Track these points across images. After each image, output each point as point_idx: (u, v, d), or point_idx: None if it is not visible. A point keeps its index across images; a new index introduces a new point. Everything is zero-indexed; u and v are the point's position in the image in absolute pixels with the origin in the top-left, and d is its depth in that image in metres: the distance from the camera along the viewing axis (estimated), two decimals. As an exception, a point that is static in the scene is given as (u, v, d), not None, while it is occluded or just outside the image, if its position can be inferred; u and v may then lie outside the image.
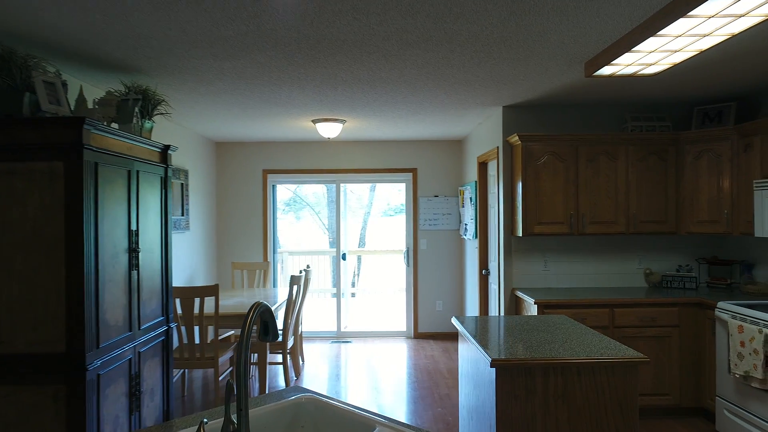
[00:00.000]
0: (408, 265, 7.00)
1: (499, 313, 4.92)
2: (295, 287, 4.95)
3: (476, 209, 5.88)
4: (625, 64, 3.17)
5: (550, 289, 4.62)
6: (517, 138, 4.43)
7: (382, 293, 10.19)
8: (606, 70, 3.30)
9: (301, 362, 5.59)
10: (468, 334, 2.87)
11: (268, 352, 4.72)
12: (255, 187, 6.89)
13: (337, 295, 7.09)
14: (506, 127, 4.77)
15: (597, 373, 2.42)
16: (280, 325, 5.74)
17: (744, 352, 3.47)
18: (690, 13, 2.38)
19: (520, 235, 4.46)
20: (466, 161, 6.51)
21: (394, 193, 13.81)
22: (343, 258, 7.08)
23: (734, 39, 2.87)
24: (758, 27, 2.69)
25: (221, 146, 6.89)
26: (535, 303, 4.10)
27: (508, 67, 3.50)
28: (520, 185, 4.47)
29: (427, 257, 6.92)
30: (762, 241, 4.35)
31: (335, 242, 7.19)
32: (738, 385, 3.61)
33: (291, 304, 4.92)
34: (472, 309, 6.23)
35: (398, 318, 8.10)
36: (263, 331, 1.48)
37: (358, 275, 11.48)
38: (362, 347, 6.48)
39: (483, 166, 5.79)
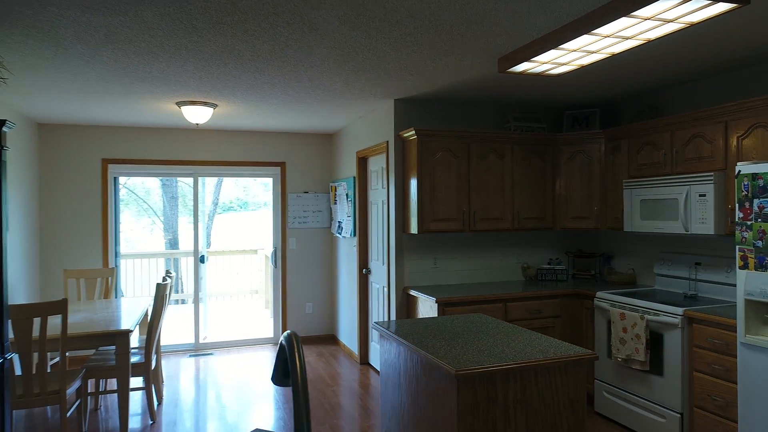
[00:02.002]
0: (276, 266, 6.50)
1: (389, 313, 4.77)
2: (157, 297, 4.21)
3: (354, 206, 5.66)
4: (540, 62, 3.20)
5: (440, 286, 4.59)
6: (413, 133, 4.30)
7: (236, 297, 9.43)
8: (520, 67, 3.30)
9: (161, 384, 4.81)
10: (409, 343, 2.61)
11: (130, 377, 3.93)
12: (92, 179, 5.79)
13: (195, 303, 6.30)
14: (398, 122, 4.61)
15: (552, 373, 2.35)
16: (135, 343, 4.87)
17: (626, 337, 3.78)
18: (595, 31, 2.46)
19: (415, 232, 4.34)
20: (341, 156, 6.25)
21: (239, 187, 12.97)
22: (202, 260, 6.33)
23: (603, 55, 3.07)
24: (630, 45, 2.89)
25: (46, 129, 5.65)
26: (436, 302, 4.01)
27: (417, 56, 3.32)
28: (415, 181, 4.35)
29: (297, 257, 6.51)
30: (619, 234, 4.84)
31: (175, 242, 6.39)
32: (618, 369, 3.92)
33: (156, 317, 4.18)
34: (347, 310, 6.00)
35: (263, 324, 7.54)
36: (282, 373, 1.06)
37: (203, 278, 10.49)
38: (227, 359, 5.84)
39: (363, 162, 5.58)
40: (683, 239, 4.19)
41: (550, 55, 3.05)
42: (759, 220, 2.78)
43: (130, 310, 4.41)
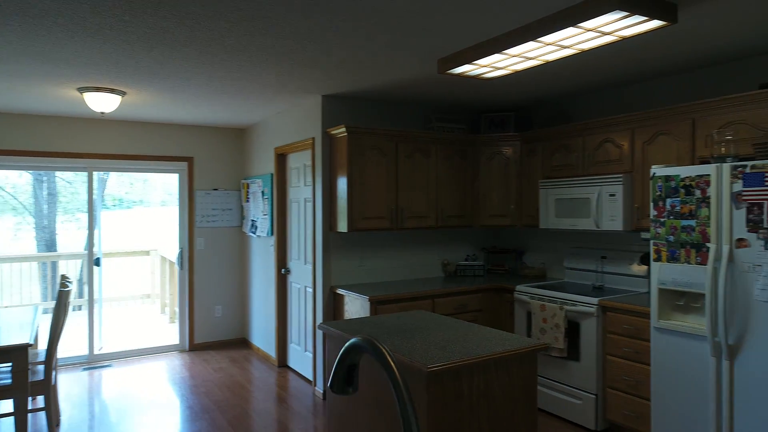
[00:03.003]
0: (182, 268, 6.09)
1: (314, 314, 4.67)
2: (59, 305, 3.75)
3: (272, 204, 5.47)
4: (480, 65, 3.31)
5: (367, 284, 4.59)
6: (343, 130, 4.25)
7: (128, 303, 8.68)
8: (460, 69, 3.40)
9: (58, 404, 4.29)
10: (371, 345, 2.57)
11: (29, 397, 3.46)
12: (-39, 172, 5.01)
13: (90, 310, 5.70)
14: (325, 118, 4.53)
15: (510, 365, 2.45)
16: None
17: (546, 327, 4.04)
18: (541, 38, 2.63)
19: (345, 230, 4.30)
20: (255, 152, 6.00)
21: (126, 183, 11.97)
22: (97, 263, 5.75)
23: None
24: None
25: None
26: (369, 300, 4.00)
27: (361, 52, 3.29)
28: (345, 179, 4.30)
29: (205, 258, 6.15)
30: (532, 231, 5.16)
31: (53, 244, 5.77)
32: (539, 357, 4.18)
33: (57, 327, 3.72)
34: (263, 312, 5.79)
35: (162, 330, 7.03)
36: (346, 380, 0.99)
37: (97, 283, 9.52)
38: (128, 371, 5.36)
39: (282, 158, 5.41)
40: (591, 235, 4.57)
41: (492, 58, 3.16)
42: (671, 217, 3.11)
43: (13, 321, 3.88)
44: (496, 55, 3.07)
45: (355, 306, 4.21)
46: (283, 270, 5.36)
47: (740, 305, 2.79)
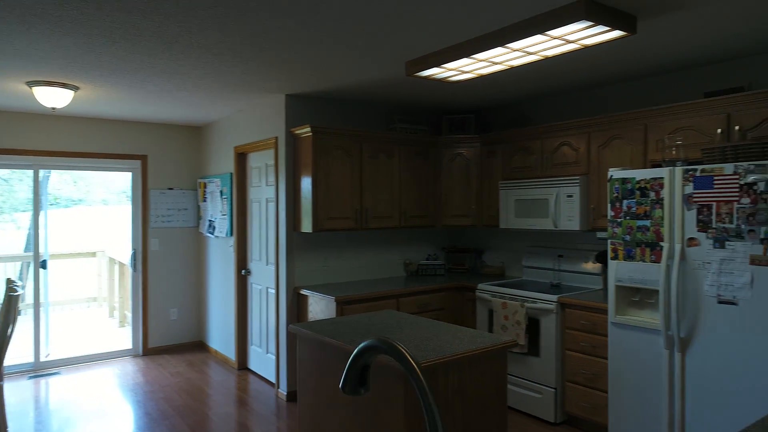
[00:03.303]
0: (135, 269, 5.88)
1: (277, 315, 4.62)
2: (8, 310, 3.56)
3: (231, 204, 5.37)
4: (448, 69, 3.37)
5: (331, 285, 4.59)
6: (308, 130, 4.23)
7: (73, 307, 8.29)
8: (427, 72, 3.45)
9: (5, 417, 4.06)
10: (341, 343, 2.58)
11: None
12: None
13: (36, 315, 5.42)
14: (289, 117, 4.49)
15: (483, 362, 2.51)
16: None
17: (507, 324, 4.16)
18: (509, 44, 2.73)
19: (309, 230, 4.28)
20: (213, 150, 5.87)
21: (68, 181, 11.42)
22: (43, 266, 5.47)
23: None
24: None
25: None
26: (335, 301, 4.00)
27: (332, 53, 3.30)
28: (310, 179, 4.28)
29: (160, 259, 5.96)
30: (491, 231, 5.30)
31: (31, 245, 5.50)
32: (500, 353, 4.30)
33: (5, 336, 3.53)
34: (221, 314, 5.67)
35: (112, 335, 6.77)
36: (360, 381, 1.00)
37: (44, 286, 9.02)
38: (79, 378, 5.14)
39: (242, 157, 5.32)
40: (548, 234, 4.74)
41: (460, 62, 3.23)
42: (627, 218, 3.28)
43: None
44: (464, 59, 3.14)
45: (320, 306, 4.20)
46: (243, 271, 5.27)
47: (691, 300, 2.98)
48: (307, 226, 4.32)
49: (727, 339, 2.84)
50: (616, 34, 2.71)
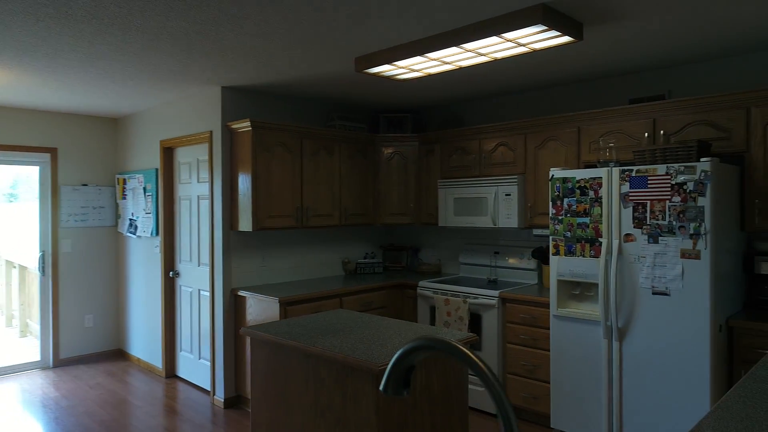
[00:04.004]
0: (44, 273, 5.35)
1: (213, 318, 4.39)
2: None
3: (157, 202, 5.04)
4: (398, 66, 3.37)
5: (270, 285, 4.44)
6: (248, 124, 4.05)
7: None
8: (377, 69, 3.42)
9: None
10: (305, 345, 2.49)
11: None
12: None
13: (-77, 328, 4.78)
14: (225, 111, 4.28)
15: (447, 359, 2.53)
16: None
17: (450, 320, 4.24)
18: (463, 45, 2.79)
19: (249, 229, 4.11)
20: (134, 144, 5.47)
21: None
22: (-68, 272, 4.83)
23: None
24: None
25: None
26: (279, 302, 3.87)
27: (278, 45, 3.18)
28: (249, 176, 4.10)
29: (73, 262, 5.47)
30: (427, 229, 5.37)
31: None
32: (441, 349, 4.36)
33: None
34: (145, 319, 5.31)
35: (17, 345, 6.13)
36: (405, 383, 0.96)
37: None
38: (-19, 395, 4.60)
39: (169, 152, 5.00)
40: (484, 232, 4.88)
41: (411, 60, 3.24)
42: (568, 215, 3.45)
43: None
44: (417, 57, 3.14)
45: (261, 308, 4.05)
46: (171, 273, 4.97)
47: (628, 292, 3.19)
48: (245, 224, 4.15)
49: (660, 327, 3.07)
50: (565, 39, 2.84)
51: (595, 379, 3.34)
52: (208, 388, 4.58)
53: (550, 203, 3.54)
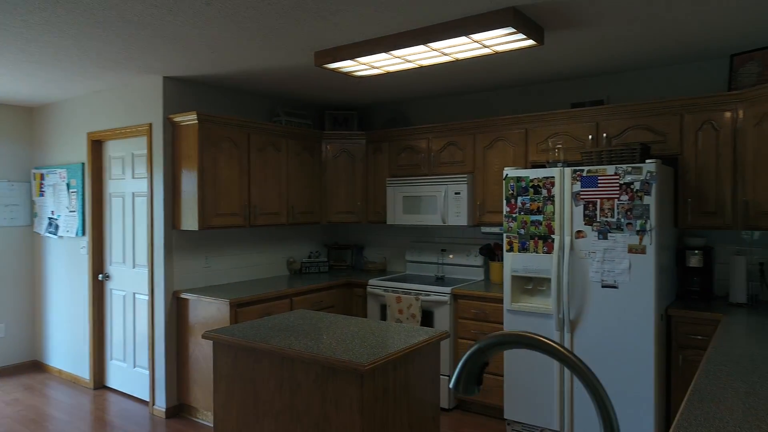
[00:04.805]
0: (-55, 279, 4.77)
1: (152, 323, 4.11)
2: None
3: (83, 199, 4.66)
4: (360, 63, 3.33)
5: (215, 286, 4.24)
6: (194, 117, 3.84)
7: None
8: (337, 64, 3.36)
9: None
10: (279, 347, 2.39)
11: None
12: None
13: None
14: (167, 102, 4.03)
15: (423, 355, 2.54)
16: None
17: (402, 317, 4.26)
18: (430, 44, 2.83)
19: (195, 228, 3.89)
20: (56, 136, 5.00)
21: None
22: None
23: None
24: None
25: None
26: (229, 303, 3.70)
27: (230, 35, 3.05)
28: (195, 172, 3.89)
29: (-19, 265, 4.92)
30: (370, 227, 5.36)
31: None
32: (393, 346, 4.38)
33: None
34: (68, 326, 4.88)
35: None
36: (477, 380, 0.95)
37: None
38: None
39: (98, 145, 4.63)
40: (431, 230, 4.95)
41: (374, 57, 3.21)
42: (522, 213, 3.57)
43: None
44: (380, 54, 3.12)
45: (209, 311, 3.85)
46: (100, 276, 4.60)
47: (579, 286, 3.36)
48: (190, 223, 3.93)
49: (608, 318, 3.26)
50: (528, 43, 2.94)
51: (547, 370, 3.48)
52: (145, 398, 4.29)
53: (504, 201, 3.65)
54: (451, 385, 0.97)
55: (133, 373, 4.38)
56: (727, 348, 2.33)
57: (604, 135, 3.73)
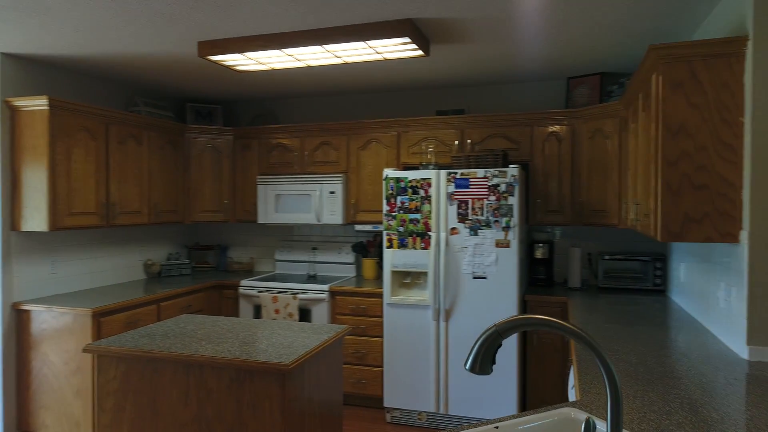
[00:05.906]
0: None
1: (-17, 342, 3.49)
2: None
3: None
4: (248, 57, 3.23)
5: (63, 295, 3.75)
6: (44, 102, 3.35)
7: None
8: (221, 57, 3.22)
9: None
10: (188, 355, 2.25)
11: None
12: None
13: None
14: (5, 84, 3.45)
15: (331, 350, 2.59)
16: None
17: (279, 317, 4.22)
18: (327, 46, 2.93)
19: (45, 229, 3.41)
20: None
21: None
22: None
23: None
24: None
25: None
26: (92, 313, 3.31)
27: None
28: (43, 166, 3.40)
29: None
30: (234, 226, 5.18)
31: None
32: (268, 347, 4.31)
33: None
34: None
35: None
36: (490, 360, 1.06)
37: None
38: None
39: None
40: (301, 228, 4.95)
41: (263, 53, 3.15)
42: (401, 212, 3.79)
43: None
44: (274, 51, 3.08)
45: (62, 322, 3.40)
46: None
47: (453, 278, 3.68)
48: (37, 223, 3.42)
49: (479, 306, 3.63)
50: (417, 53, 3.15)
51: (424, 358, 3.75)
52: (-28, 430, 3.63)
53: (384, 201, 3.84)
54: (467, 366, 1.07)
55: (-47, 403, 3.66)
56: (581, 323, 2.79)
57: (469, 141, 4.13)
